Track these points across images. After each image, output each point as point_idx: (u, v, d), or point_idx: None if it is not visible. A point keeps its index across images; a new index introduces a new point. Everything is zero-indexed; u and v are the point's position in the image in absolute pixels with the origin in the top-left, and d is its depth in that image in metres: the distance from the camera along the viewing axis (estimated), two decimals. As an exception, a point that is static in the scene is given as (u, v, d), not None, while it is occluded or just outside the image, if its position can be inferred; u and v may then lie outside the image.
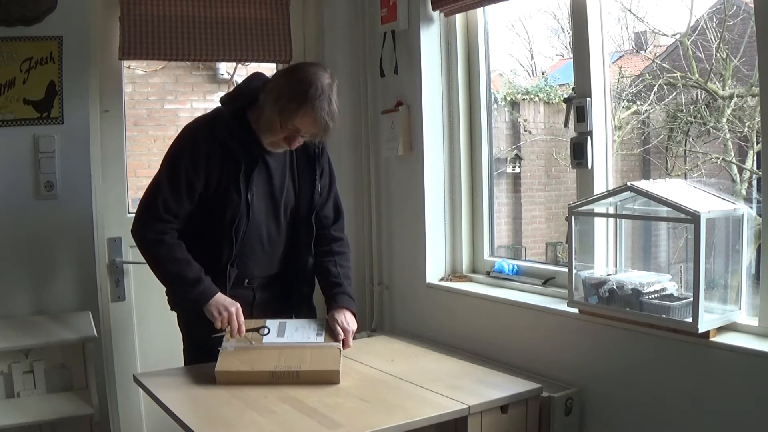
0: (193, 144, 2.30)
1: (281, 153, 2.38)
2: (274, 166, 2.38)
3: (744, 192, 3.31)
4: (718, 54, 3.53)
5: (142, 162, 4.33)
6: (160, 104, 4.55)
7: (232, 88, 2.64)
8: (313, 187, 2.43)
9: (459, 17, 3.08)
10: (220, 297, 2.29)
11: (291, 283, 2.52)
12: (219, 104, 2.39)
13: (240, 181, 2.29)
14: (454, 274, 3.15)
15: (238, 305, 2.31)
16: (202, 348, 2.38)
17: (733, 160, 3.47)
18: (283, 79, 2.25)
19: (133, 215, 3.16)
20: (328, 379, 2.23)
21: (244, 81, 2.44)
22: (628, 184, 2.26)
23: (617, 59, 4.31)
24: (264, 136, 2.28)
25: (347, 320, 2.39)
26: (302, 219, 2.45)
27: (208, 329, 2.31)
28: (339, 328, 2.35)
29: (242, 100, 2.31)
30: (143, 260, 3.12)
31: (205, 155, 2.27)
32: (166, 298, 2.53)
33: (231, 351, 2.27)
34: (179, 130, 2.40)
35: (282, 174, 2.40)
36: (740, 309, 2.17)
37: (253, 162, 2.31)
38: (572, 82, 2.64)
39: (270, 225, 2.41)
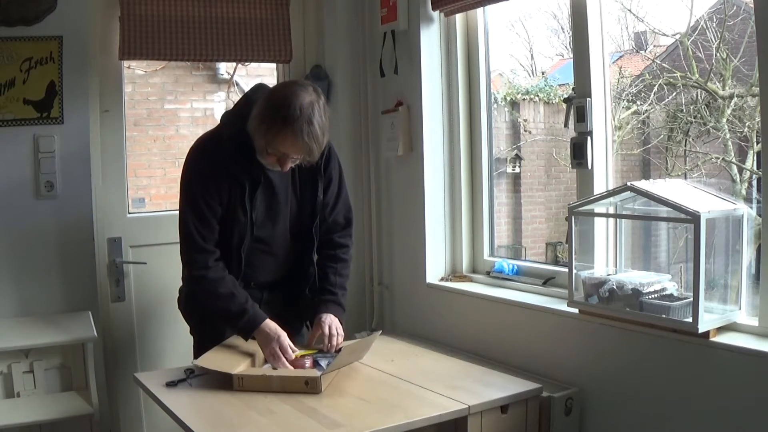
0: (199, 170, 2.33)
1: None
2: (278, 181, 2.38)
3: (744, 192, 3.31)
4: (718, 54, 3.53)
5: (142, 162, 4.32)
6: (160, 104, 4.54)
7: (234, 98, 2.63)
8: (315, 197, 2.43)
9: (459, 17, 3.08)
10: (265, 327, 2.32)
11: (296, 288, 2.54)
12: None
13: (245, 201, 2.31)
14: (454, 274, 3.15)
15: (281, 335, 2.33)
16: (209, 342, 2.41)
17: (733, 160, 3.47)
18: (264, 103, 2.20)
19: (133, 215, 3.20)
20: (311, 386, 2.18)
21: (246, 93, 2.41)
22: (628, 184, 2.26)
23: (617, 59, 4.30)
24: (260, 159, 2.28)
25: (335, 325, 2.44)
26: (305, 229, 2.46)
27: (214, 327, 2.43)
28: (326, 329, 2.40)
29: (242, 120, 2.27)
30: (143, 260, 3.15)
31: (212, 179, 2.30)
32: (177, 296, 2.56)
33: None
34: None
35: (285, 187, 2.40)
36: (740, 309, 2.17)
37: (255, 182, 2.32)
38: (572, 82, 2.64)
39: (275, 237, 2.43)
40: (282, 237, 2.45)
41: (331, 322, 2.43)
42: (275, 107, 2.16)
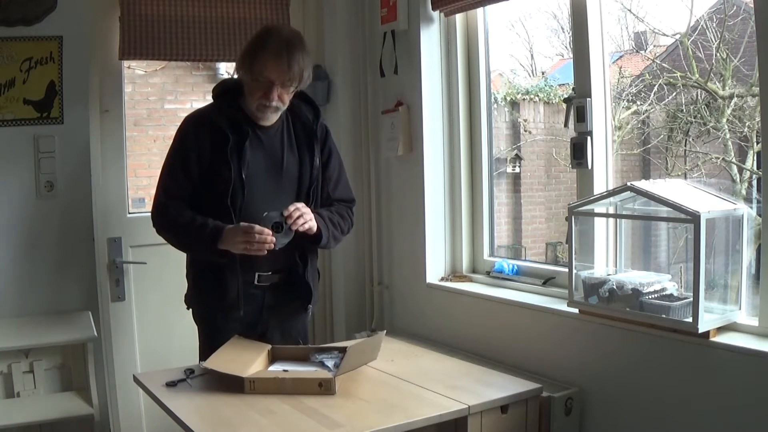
0: (183, 127, 2.44)
1: (278, 129, 2.43)
2: (270, 142, 2.42)
3: (744, 192, 3.31)
4: (718, 54, 3.53)
5: (142, 162, 4.32)
6: (160, 104, 4.54)
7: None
8: (312, 161, 2.46)
9: (459, 17, 3.08)
10: (228, 228, 2.30)
11: (295, 264, 2.47)
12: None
13: (230, 155, 2.33)
14: (454, 274, 3.15)
15: (243, 224, 2.29)
16: (218, 341, 2.39)
17: (733, 160, 3.47)
18: (248, 40, 2.42)
19: (133, 215, 3.21)
20: (324, 388, 2.19)
21: None
22: (628, 184, 2.26)
23: (617, 59, 4.30)
24: (250, 105, 2.36)
25: (306, 211, 2.33)
26: (303, 193, 2.46)
27: (228, 319, 2.42)
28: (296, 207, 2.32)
29: (231, 83, 2.45)
30: (143, 260, 3.15)
31: (194, 134, 2.39)
32: (184, 298, 2.53)
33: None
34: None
35: (280, 149, 2.43)
36: (740, 309, 2.17)
37: (242, 136, 2.36)
38: (572, 82, 2.64)
39: (271, 202, 2.39)
40: (278, 204, 2.38)
41: (302, 206, 2.33)
42: (257, 37, 2.37)
